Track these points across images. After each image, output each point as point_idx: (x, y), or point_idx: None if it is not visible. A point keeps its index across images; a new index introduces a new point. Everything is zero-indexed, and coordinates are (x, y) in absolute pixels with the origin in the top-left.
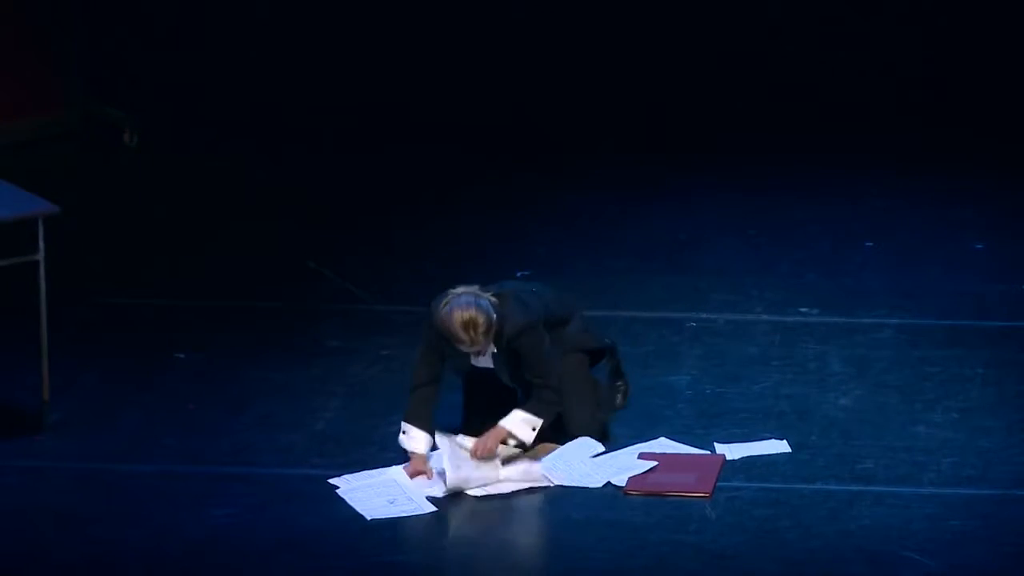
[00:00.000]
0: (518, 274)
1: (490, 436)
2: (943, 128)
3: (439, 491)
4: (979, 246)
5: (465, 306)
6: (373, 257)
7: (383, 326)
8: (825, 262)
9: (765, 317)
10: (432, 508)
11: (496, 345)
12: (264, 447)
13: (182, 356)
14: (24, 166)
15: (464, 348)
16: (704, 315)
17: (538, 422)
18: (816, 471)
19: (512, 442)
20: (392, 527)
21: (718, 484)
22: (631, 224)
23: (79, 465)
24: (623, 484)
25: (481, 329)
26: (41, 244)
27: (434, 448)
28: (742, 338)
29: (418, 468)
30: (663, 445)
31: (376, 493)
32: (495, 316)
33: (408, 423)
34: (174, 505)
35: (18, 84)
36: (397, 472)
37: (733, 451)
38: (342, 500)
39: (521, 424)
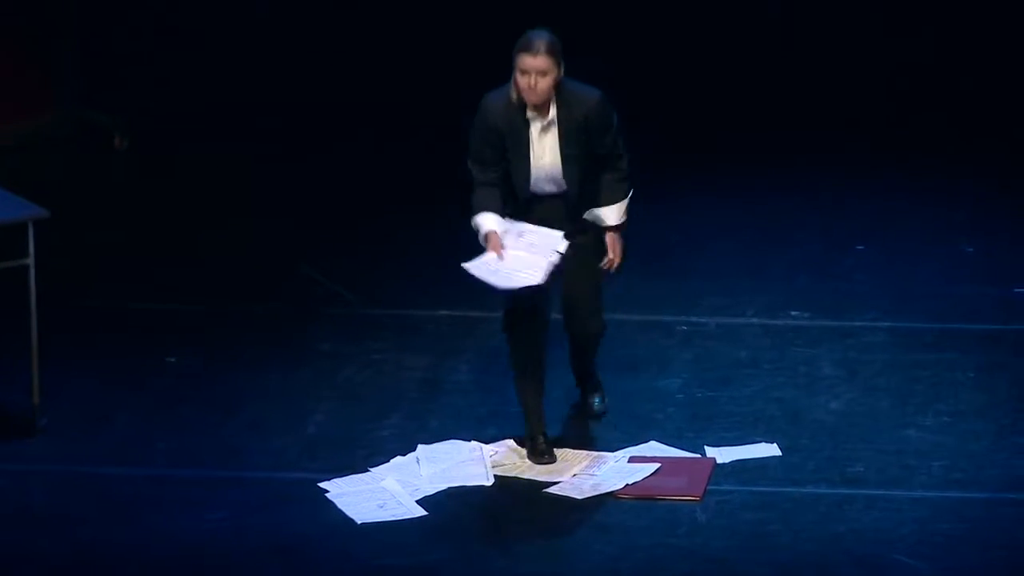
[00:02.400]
0: None
1: (615, 245)
2: (933, 131)
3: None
4: (969, 249)
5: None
6: (364, 260)
7: (374, 330)
8: (816, 265)
9: (756, 320)
10: (422, 512)
11: (567, 121)
12: (255, 451)
13: (173, 360)
14: (15, 170)
15: (527, 68)
16: (695, 318)
17: (624, 202)
18: (806, 475)
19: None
20: (382, 531)
21: (709, 488)
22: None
23: (70, 468)
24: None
25: (547, 46)
26: (31, 248)
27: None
28: (733, 341)
29: (496, 245)
30: (654, 449)
31: (366, 497)
32: (562, 64)
33: (478, 213)
34: (165, 509)
35: (9, 89)
36: (387, 476)
37: (724, 455)
38: (332, 504)
39: (617, 214)
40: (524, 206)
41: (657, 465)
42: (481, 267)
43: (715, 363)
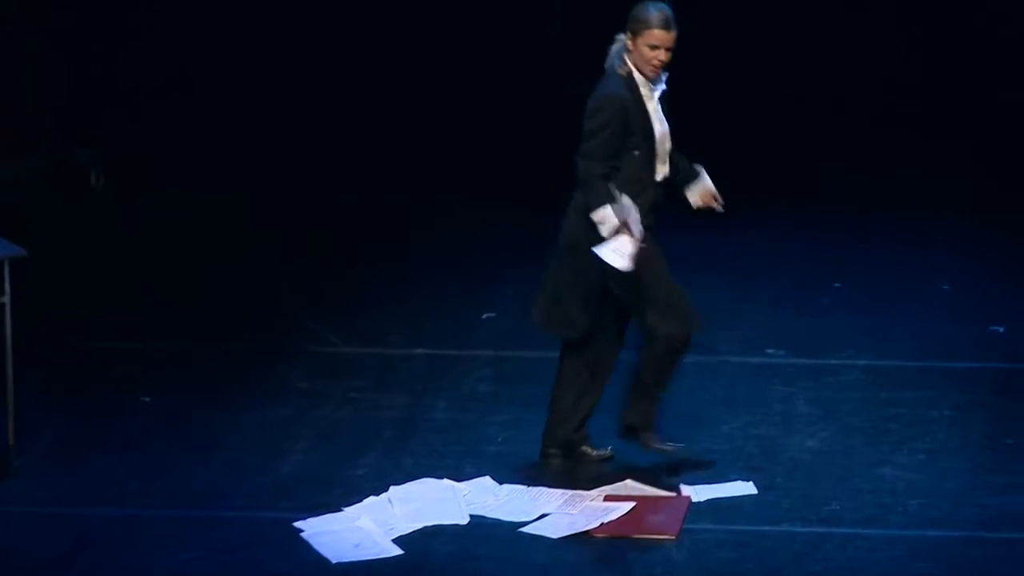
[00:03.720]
0: (483, 316)
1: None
2: (911, 170)
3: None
4: (946, 287)
5: None
6: (341, 297)
7: (351, 368)
8: (793, 303)
9: (732, 358)
10: (397, 551)
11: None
12: (231, 490)
13: (148, 399)
14: None
15: (661, 42)
16: None
17: None
18: (782, 513)
19: None
20: (358, 570)
21: (684, 526)
22: None
23: (45, 509)
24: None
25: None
26: (7, 287)
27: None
28: (709, 379)
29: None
30: (629, 487)
31: (341, 537)
32: None
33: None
34: (141, 549)
35: None
36: (362, 516)
37: (699, 493)
38: (308, 544)
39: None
40: (643, 192)
41: (633, 504)
42: (616, 253)
43: (691, 401)
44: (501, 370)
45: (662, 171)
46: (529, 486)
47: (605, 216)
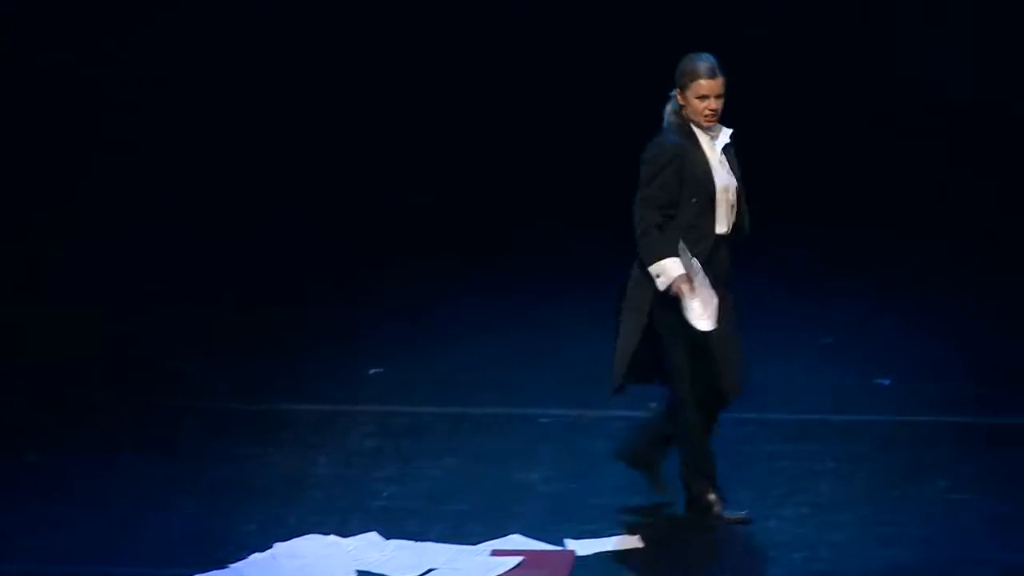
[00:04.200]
0: (371, 372)
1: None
2: (789, 221)
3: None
4: (829, 340)
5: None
6: (231, 352)
7: (239, 424)
8: None
9: (618, 412)
10: None
11: (726, 139)
12: (120, 547)
13: (33, 458)
14: None
15: (708, 92)
16: (557, 411)
17: None
18: (666, 566)
19: None
20: None
21: None
22: (487, 321)
23: None
24: None
25: (719, 67)
26: None
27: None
28: (594, 433)
29: (684, 286)
30: (516, 542)
31: None
32: None
33: (661, 259)
34: None
35: None
36: (247, 572)
37: (584, 547)
38: None
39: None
40: (699, 242)
41: (520, 558)
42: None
43: (576, 455)
44: (386, 425)
45: (724, 223)
46: (416, 541)
47: (662, 269)
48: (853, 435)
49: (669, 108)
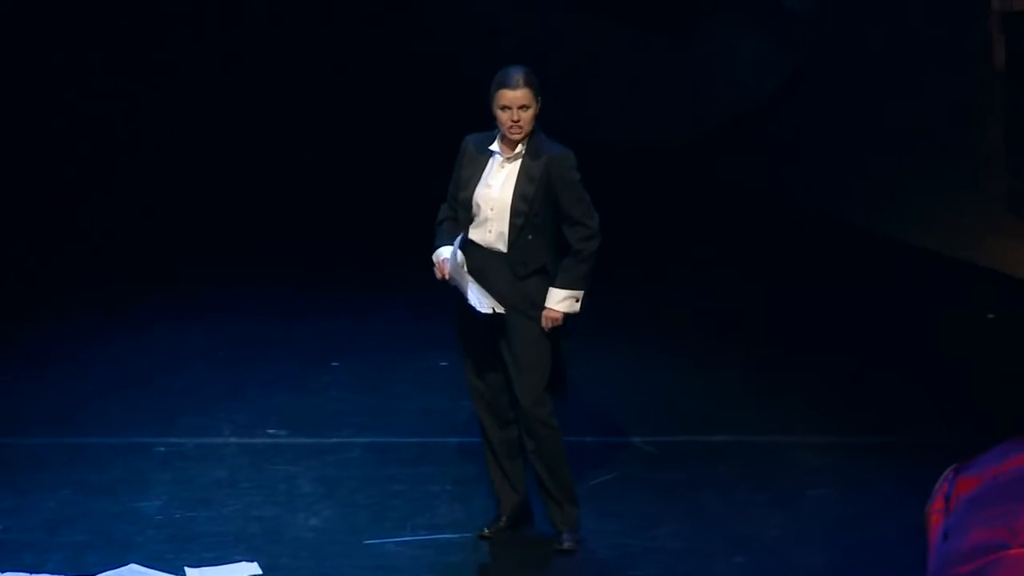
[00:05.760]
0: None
1: (547, 319)
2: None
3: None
4: (444, 364)
5: None
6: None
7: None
8: (293, 383)
9: (233, 440)
10: None
11: (530, 165)
12: None
13: None
14: None
15: (508, 102)
16: (173, 439)
17: (580, 294)
18: None
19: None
20: None
21: None
22: (97, 349)
23: None
24: None
25: (526, 78)
26: None
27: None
28: (211, 461)
29: (442, 268)
30: (133, 571)
31: None
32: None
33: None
34: None
35: None
36: None
37: (202, 575)
38: None
39: (567, 302)
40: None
41: None
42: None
43: (194, 483)
44: None
45: (499, 240)
46: (32, 574)
47: (436, 255)
48: (468, 457)
49: None
